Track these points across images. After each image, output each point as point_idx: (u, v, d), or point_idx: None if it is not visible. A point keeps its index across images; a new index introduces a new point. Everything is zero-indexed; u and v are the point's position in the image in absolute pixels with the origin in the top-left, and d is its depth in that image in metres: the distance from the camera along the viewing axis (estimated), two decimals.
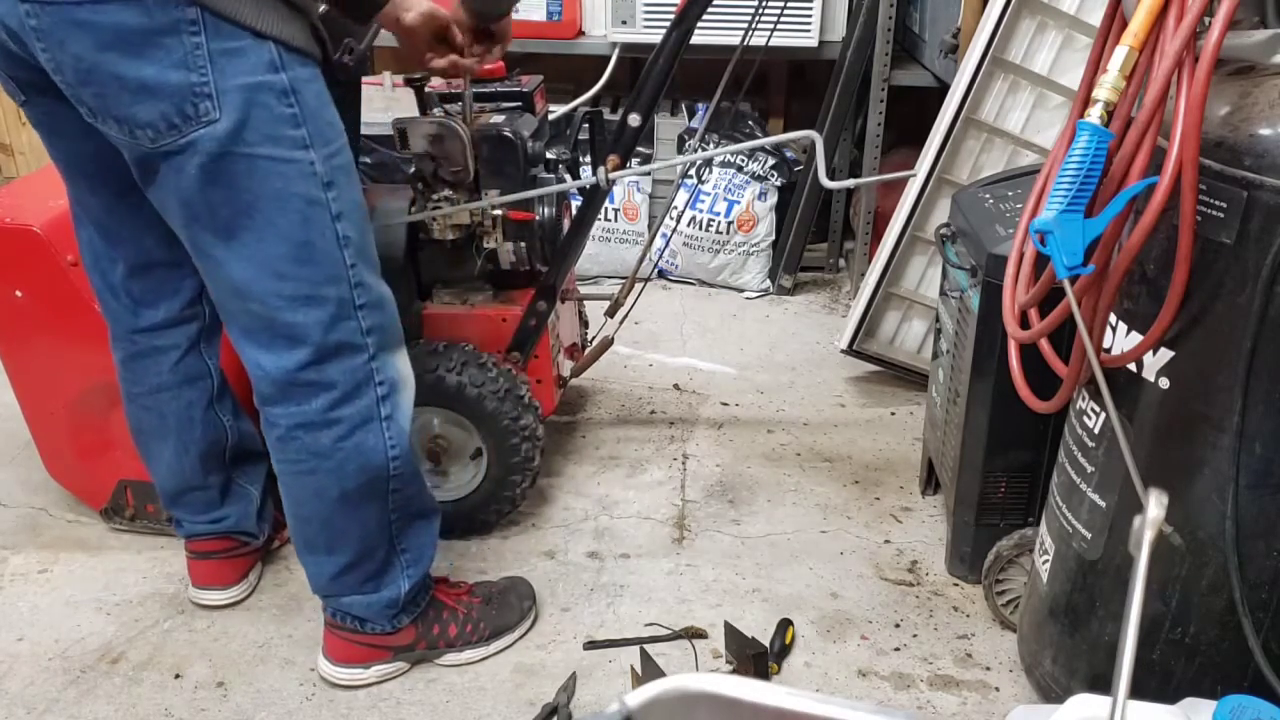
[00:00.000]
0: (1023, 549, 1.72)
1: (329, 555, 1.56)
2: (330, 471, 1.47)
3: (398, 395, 1.50)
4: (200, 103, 1.24)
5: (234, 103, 1.25)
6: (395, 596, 1.61)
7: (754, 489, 2.19)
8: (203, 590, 1.83)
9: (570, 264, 1.99)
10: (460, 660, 1.70)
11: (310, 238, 1.35)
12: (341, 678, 1.65)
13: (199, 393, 1.70)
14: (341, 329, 1.41)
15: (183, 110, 1.24)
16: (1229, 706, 0.99)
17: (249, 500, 1.83)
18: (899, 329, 2.56)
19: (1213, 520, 1.19)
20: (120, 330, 1.65)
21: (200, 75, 1.23)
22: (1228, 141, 1.08)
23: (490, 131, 1.82)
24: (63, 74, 1.23)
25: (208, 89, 1.23)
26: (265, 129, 1.28)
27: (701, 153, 2.18)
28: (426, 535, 1.64)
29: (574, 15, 3.07)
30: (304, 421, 1.44)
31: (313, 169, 1.33)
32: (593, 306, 2.37)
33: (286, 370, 1.41)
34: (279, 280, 1.36)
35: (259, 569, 1.90)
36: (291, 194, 1.32)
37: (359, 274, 1.41)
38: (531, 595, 1.79)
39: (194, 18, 1.20)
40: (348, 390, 1.44)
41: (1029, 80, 2.23)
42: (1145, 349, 1.19)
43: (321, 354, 1.41)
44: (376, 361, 1.46)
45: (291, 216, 1.33)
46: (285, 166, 1.31)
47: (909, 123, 3.03)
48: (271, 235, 1.33)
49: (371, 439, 1.48)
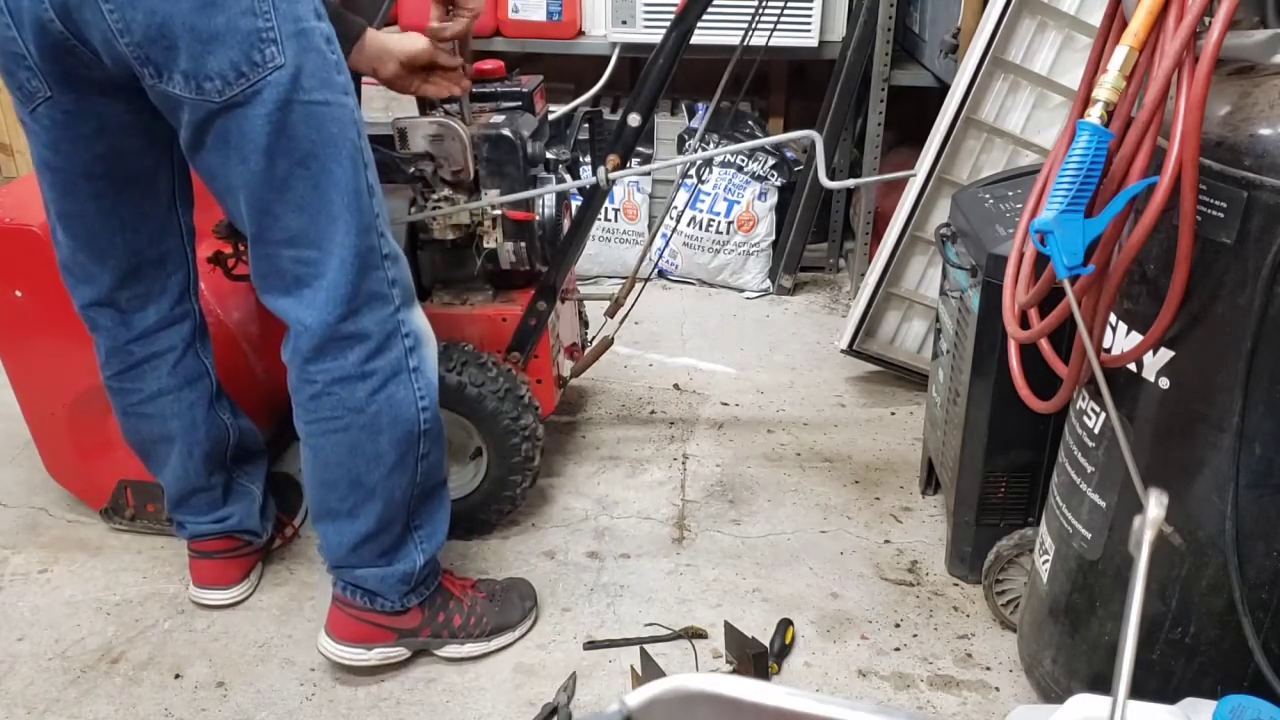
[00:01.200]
0: (1023, 549, 1.72)
1: (351, 520, 1.55)
2: (364, 427, 1.48)
3: (423, 348, 1.52)
4: (266, 48, 1.26)
5: (293, 48, 1.28)
6: (410, 570, 1.61)
7: (754, 489, 2.19)
8: (204, 590, 1.83)
9: (570, 264, 1.99)
10: (460, 653, 1.70)
11: (358, 184, 1.38)
12: (343, 656, 1.65)
13: (199, 393, 1.71)
14: (373, 278, 1.43)
15: (250, 57, 1.26)
16: (1229, 706, 0.99)
17: (251, 499, 1.83)
18: (899, 329, 2.56)
19: (1213, 520, 1.19)
20: (114, 344, 1.64)
21: (265, 20, 1.25)
22: (1228, 141, 1.08)
23: (490, 131, 1.82)
24: (130, 34, 1.23)
25: (273, 34, 1.26)
26: (320, 74, 1.31)
27: (701, 153, 2.18)
28: (440, 510, 1.65)
29: (574, 15, 3.07)
30: (341, 376, 1.46)
31: (354, 115, 1.37)
32: (593, 306, 2.37)
33: (328, 323, 1.42)
34: (325, 235, 1.38)
35: (260, 569, 1.90)
36: (345, 139, 1.36)
37: (383, 224, 1.44)
38: (533, 596, 1.80)
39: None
40: (380, 341, 1.46)
41: (1029, 80, 2.23)
42: (1145, 349, 1.19)
43: (357, 303, 1.43)
44: (401, 314, 1.48)
45: (344, 163, 1.36)
46: (338, 111, 1.34)
47: (909, 123, 3.02)
48: (326, 182, 1.36)
49: (402, 390, 1.49)
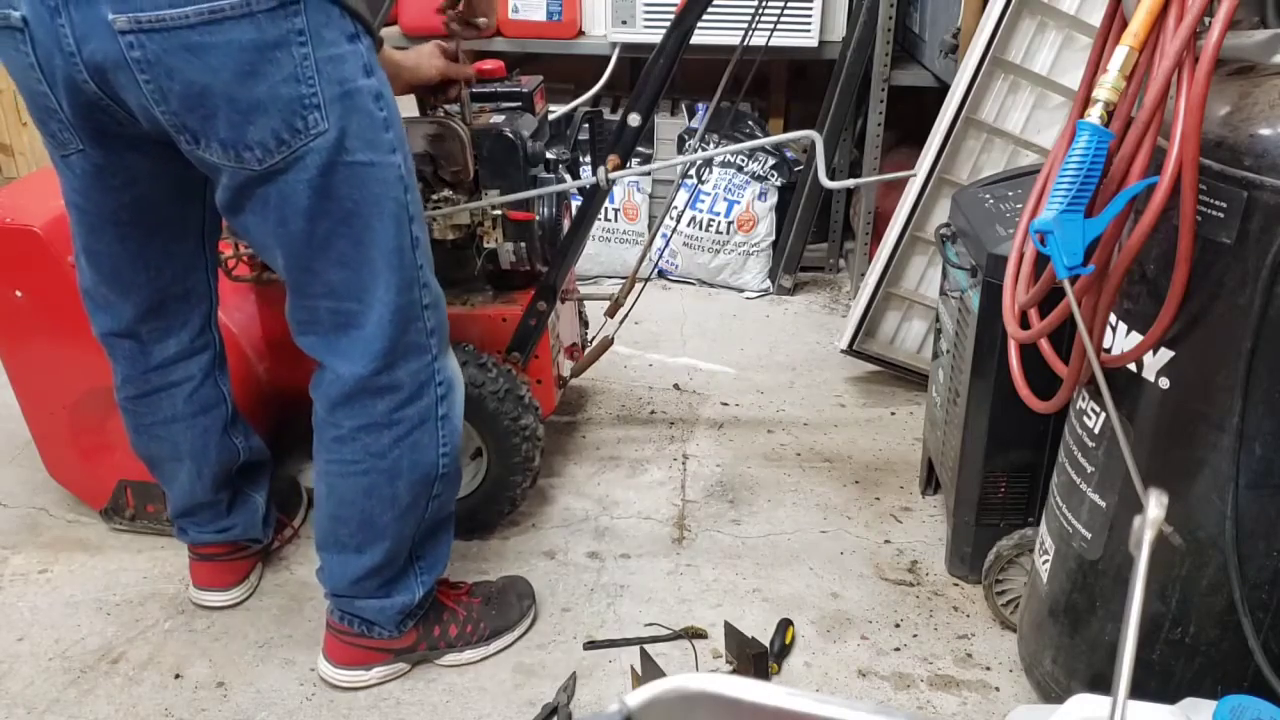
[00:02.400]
0: (1023, 549, 1.72)
1: (357, 555, 1.55)
2: (384, 471, 1.48)
3: (453, 394, 1.51)
4: (309, 114, 1.23)
5: (337, 111, 1.25)
6: (409, 603, 1.61)
7: (754, 489, 2.19)
8: (203, 591, 1.83)
9: (570, 264, 1.99)
10: (460, 660, 1.70)
11: (400, 241, 1.36)
12: (343, 680, 1.65)
13: (214, 420, 1.70)
14: (412, 330, 1.42)
15: (292, 125, 1.23)
16: (1229, 706, 0.99)
17: (255, 509, 1.83)
18: (899, 329, 2.56)
19: (1213, 520, 1.19)
20: (133, 372, 1.63)
21: (309, 86, 1.22)
22: (1228, 141, 1.08)
23: (490, 131, 1.82)
24: (167, 102, 1.21)
25: (316, 99, 1.23)
26: (365, 134, 1.28)
27: (701, 153, 2.18)
28: (443, 544, 1.65)
29: (574, 15, 3.07)
30: (368, 423, 1.45)
31: (399, 172, 1.34)
32: (593, 306, 2.37)
33: (361, 377, 1.41)
34: (365, 289, 1.36)
35: (260, 569, 1.90)
36: (387, 199, 1.33)
37: (425, 274, 1.42)
38: (531, 594, 1.79)
39: (301, 27, 1.19)
40: (412, 391, 1.45)
41: (1029, 80, 2.23)
42: (1145, 349, 1.19)
43: (394, 357, 1.41)
44: (438, 362, 1.47)
45: (387, 222, 1.34)
46: (383, 171, 1.31)
47: (909, 123, 3.03)
48: (368, 241, 1.33)
49: (426, 438, 1.49)
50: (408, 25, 3.09)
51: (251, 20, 1.17)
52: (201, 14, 1.15)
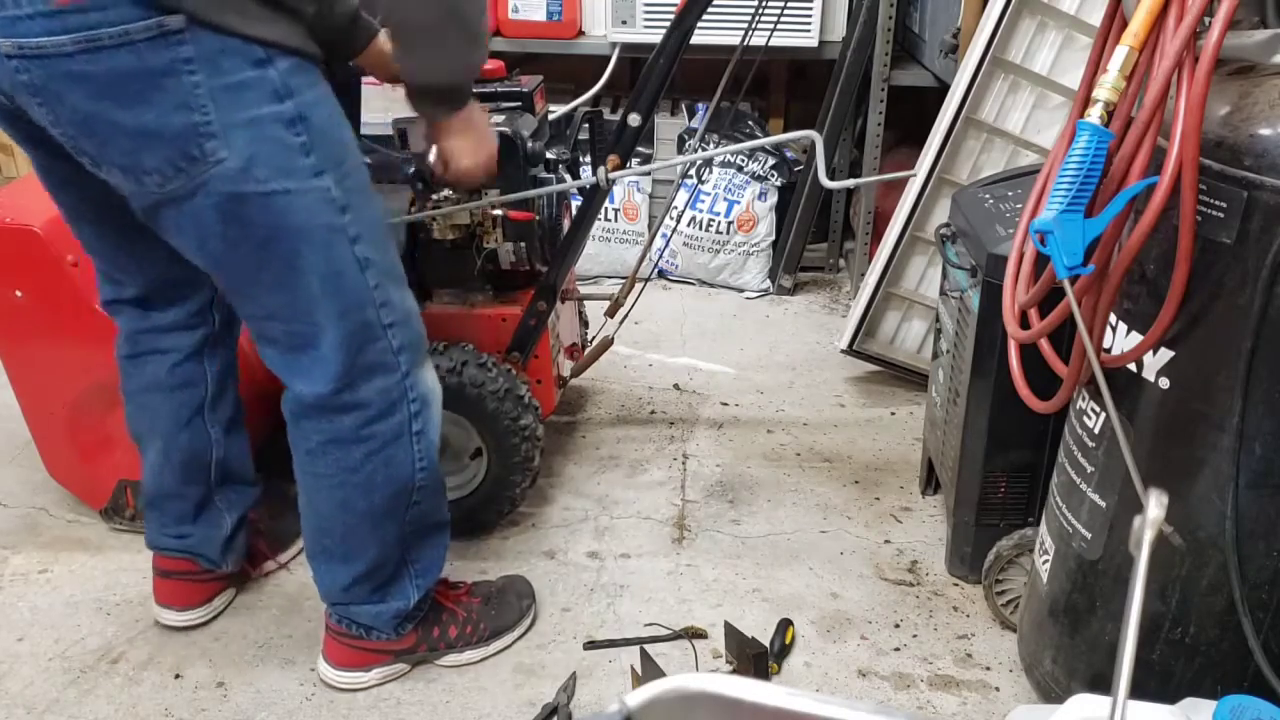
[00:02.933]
0: (1023, 549, 1.72)
1: (345, 564, 1.55)
2: (358, 485, 1.47)
3: (429, 410, 1.50)
4: (206, 143, 1.20)
5: (241, 139, 1.22)
6: (403, 607, 1.61)
7: (754, 489, 2.19)
8: (162, 609, 1.79)
9: (570, 264, 1.99)
10: (460, 661, 1.70)
11: (334, 267, 1.33)
12: (343, 681, 1.65)
13: (189, 397, 1.67)
14: (371, 351, 1.40)
15: (188, 153, 1.20)
16: (1229, 706, 0.99)
17: (219, 526, 1.77)
18: (899, 329, 2.56)
19: (1213, 520, 1.19)
20: (130, 329, 1.63)
21: (203, 115, 1.19)
22: (1228, 141, 1.07)
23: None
24: (60, 126, 1.20)
25: (211, 128, 1.20)
26: (276, 161, 1.25)
27: (701, 153, 2.18)
28: (438, 548, 1.64)
29: (574, 15, 3.07)
30: (336, 438, 1.44)
31: (328, 195, 1.30)
32: (593, 306, 2.37)
33: (321, 394, 1.41)
34: (307, 312, 1.34)
35: (228, 595, 1.84)
36: (312, 226, 1.30)
37: (383, 293, 1.39)
38: (530, 594, 1.79)
39: (189, 56, 1.16)
40: (382, 409, 1.43)
41: (1029, 80, 2.23)
42: (1145, 349, 1.19)
43: (352, 377, 1.40)
44: (410, 379, 1.45)
45: (315, 248, 1.31)
46: (302, 199, 1.28)
47: (909, 123, 3.03)
48: (295, 269, 1.31)
49: (401, 454, 1.48)
50: None
51: (131, 49, 1.14)
52: (79, 42, 1.13)
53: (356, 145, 1.36)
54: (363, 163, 1.38)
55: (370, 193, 1.39)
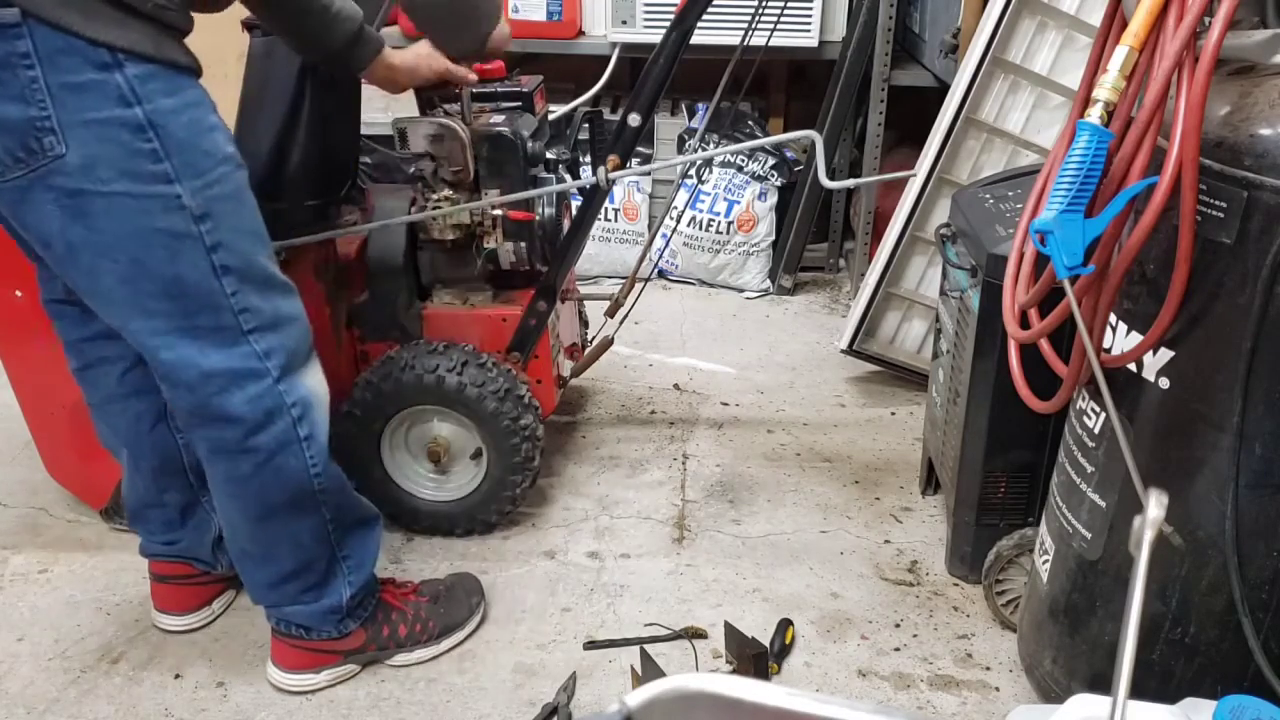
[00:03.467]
0: (1023, 549, 1.72)
1: (263, 565, 1.55)
2: (252, 495, 1.47)
3: (313, 413, 1.47)
4: (44, 137, 1.19)
5: (81, 138, 1.20)
6: (337, 604, 1.60)
7: (754, 489, 2.19)
8: (161, 615, 1.79)
9: (570, 264, 1.99)
10: (410, 660, 1.69)
11: (179, 271, 1.30)
12: (293, 684, 1.64)
13: (146, 406, 1.62)
14: (230, 355, 1.37)
15: (26, 144, 1.19)
16: (1229, 706, 0.99)
17: (207, 528, 1.75)
18: (899, 329, 2.56)
19: (1213, 520, 1.19)
20: (71, 339, 1.59)
21: (40, 109, 1.18)
22: (1228, 141, 1.08)
23: (490, 131, 1.82)
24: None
25: (49, 123, 1.18)
26: (120, 165, 1.23)
27: (701, 153, 2.18)
28: (369, 542, 1.63)
29: (574, 15, 3.07)
30: (221, 449, 1.43)
31: (179, 202, 1.27)
32: (593, 306, 2.37)
33: (188, 404, 1.40)
34: (148, 318, 1.33)
35: (226, 597, 1.84)
36: (155, 230, 1.27)
37: (243, 299, 1.36)
38: (479, 591, 1.79)
39: (26, 50, 1.15)
40: (259, 419, 1.41)
41: (1029, 80, 2.23)
42: (1145, 349, 1.19)
43: (215, 385, 1.38)
44: (283, 384, 1.42)
45: (157, 253, 1.29)
46: (146, 202, 1.26)
47: (909, 123, 3.03)
48: (136, 274, 1.29)
49: (292, 461, 1.46)
50: (408, 26, 3.08)
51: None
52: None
53: (230, 155, 1.33)
54: (238, 170, 1.35)
55: (243, 200, 1.36)
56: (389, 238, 1.87)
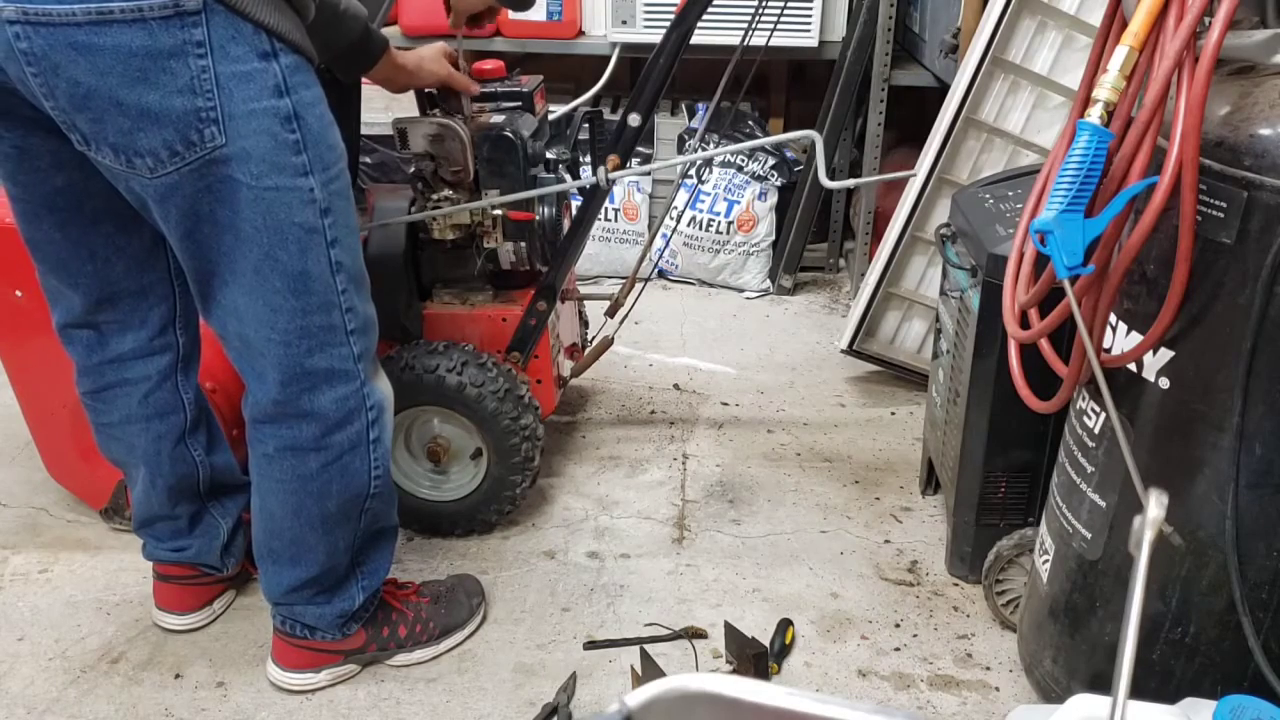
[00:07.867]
0: (1023, 549, 1.72)
1: (292, 567, 1.55)
2: (312, 493, 1.47)
3: (384, 416, 1.50)
4: (206, 129, 1.19)
5: (240, 129, 1.21)
6: (348, 609, 1.60)
7: (754, 489, 2.19)
8: (163, 613, 1.79)
9: (570, 264, 1.99)
10: (410, 660, 1.70)
11: (307, 267, 1.32)
12: (292, 683, 1.64)
13: (169, 427, 1.62)
14: (332, 355, 1.39)
15: (186, 137, 1.19)
16: (1229, 706, 0.99)
17: (216, 535, 1.75)
18: (899, 329, 2.56)
19: (1213, 520, 1.19)
20: (88, 362, 1.56)
21: (207, 100, 1.18)
22: (1228, 141, 1.08)
23: (490, 131, 1.82)
24: (55, 99, 1.17)
25: (214, 114, 1.19)
26: (270, 157, 1.24)
27: (701, 153, 2.18)
28: (385, 552, 1.64)
29: (574, 15, 3.07)
30: (293, 445, 1.43)
31: (312, 196, 1.29)
32: (593, 306, 2.37)
33: (275, 400, 1.40)
34: (273, 311, 1.33)
35: (227, 597, 1.84)
36: (292, 224, 1.29)
37: (349, 299, 1.38)
38: (480, 592, 1.79)
39: (200, 39, 1.15)
40: (340, 418, 1.43)
41: (1029, 80, 2.23)
42: (1145, 349, 1.19)
43: (309, 383, 1.39)
44: (367, 386, 1.45)
45: (291, 247, 1.30)
46: (287, 195, 1.27)
47: (909, 123, 3.03)
48: (269, 266, 1.30)
49: (358, 462, 1.47)
50: (408, 25, 3.08)
51: (143, 26, 1.12)
52: (89, 13, 1.10)
53: (344, 151, 1.36)
54: (346, 169, 1.37)
55: (350, 198, 1.38)
56: (389, 238, 1.87)
